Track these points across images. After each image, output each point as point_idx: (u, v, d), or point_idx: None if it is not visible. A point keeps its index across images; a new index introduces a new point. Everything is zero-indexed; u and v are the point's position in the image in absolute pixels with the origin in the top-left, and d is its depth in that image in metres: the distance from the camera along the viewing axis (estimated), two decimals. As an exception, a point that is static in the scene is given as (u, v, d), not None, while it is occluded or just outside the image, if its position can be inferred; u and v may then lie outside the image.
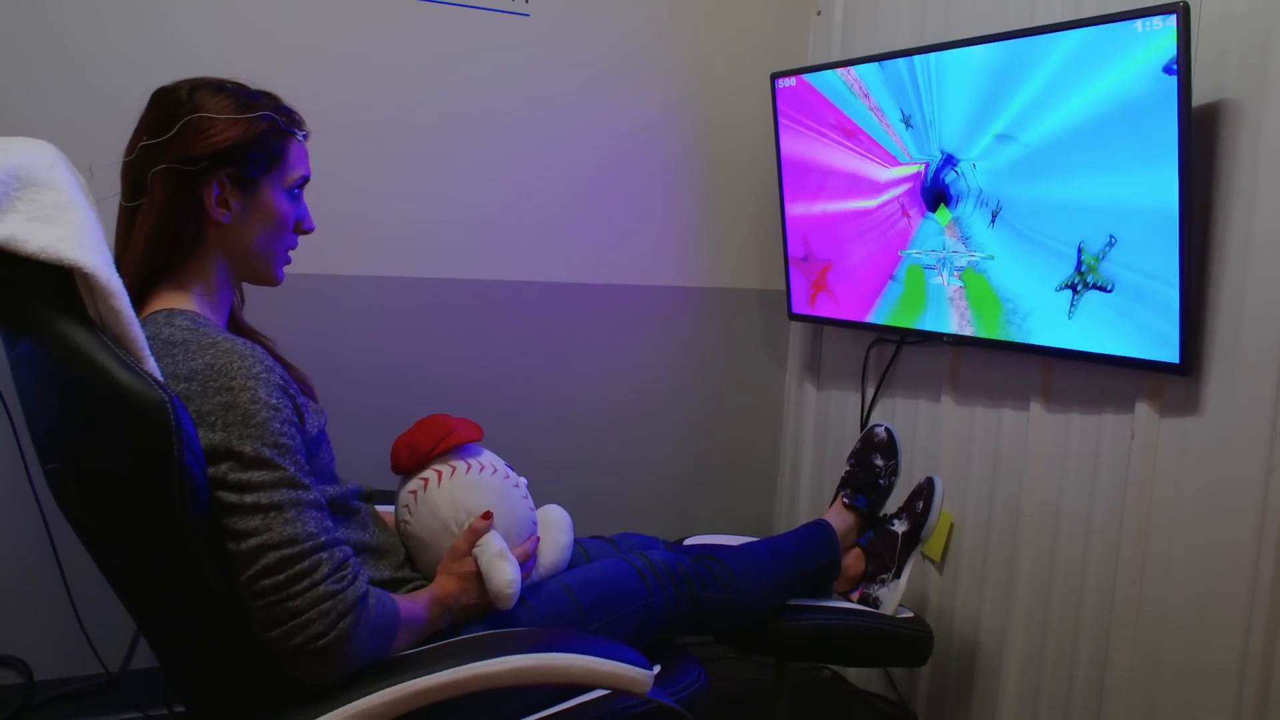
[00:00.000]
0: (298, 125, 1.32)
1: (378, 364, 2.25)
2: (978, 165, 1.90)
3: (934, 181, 2.00)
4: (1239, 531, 1.57)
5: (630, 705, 1.30)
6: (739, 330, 2.65)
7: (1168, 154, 1.57)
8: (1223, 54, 1.59)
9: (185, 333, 1.16)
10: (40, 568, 1.98)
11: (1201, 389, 1.64)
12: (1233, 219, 1.59)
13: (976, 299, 1.96)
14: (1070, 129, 1.72)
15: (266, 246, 1.30)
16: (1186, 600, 1.66)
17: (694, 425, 2.63)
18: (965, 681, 2.11)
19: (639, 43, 2.44)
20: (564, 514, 1.58)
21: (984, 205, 1.90)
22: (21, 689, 2.04)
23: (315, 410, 1.27)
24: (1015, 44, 1.78)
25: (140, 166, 1.21)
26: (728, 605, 1.65)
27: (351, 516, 1.32)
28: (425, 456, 1.44)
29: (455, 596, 1.31)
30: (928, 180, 2.02)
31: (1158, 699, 1.70)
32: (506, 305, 2.37)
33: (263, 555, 1.06)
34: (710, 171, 2.56)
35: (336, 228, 2.11)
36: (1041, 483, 1.94)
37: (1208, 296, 1.63)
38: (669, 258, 2.55)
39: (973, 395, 2.12)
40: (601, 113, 2.42)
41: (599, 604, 1.47)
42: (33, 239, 1.00)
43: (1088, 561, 1.83)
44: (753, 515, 2.73)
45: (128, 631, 2.07)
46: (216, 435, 1.08)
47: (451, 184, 2.28)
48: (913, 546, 1.89)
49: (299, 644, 1.06)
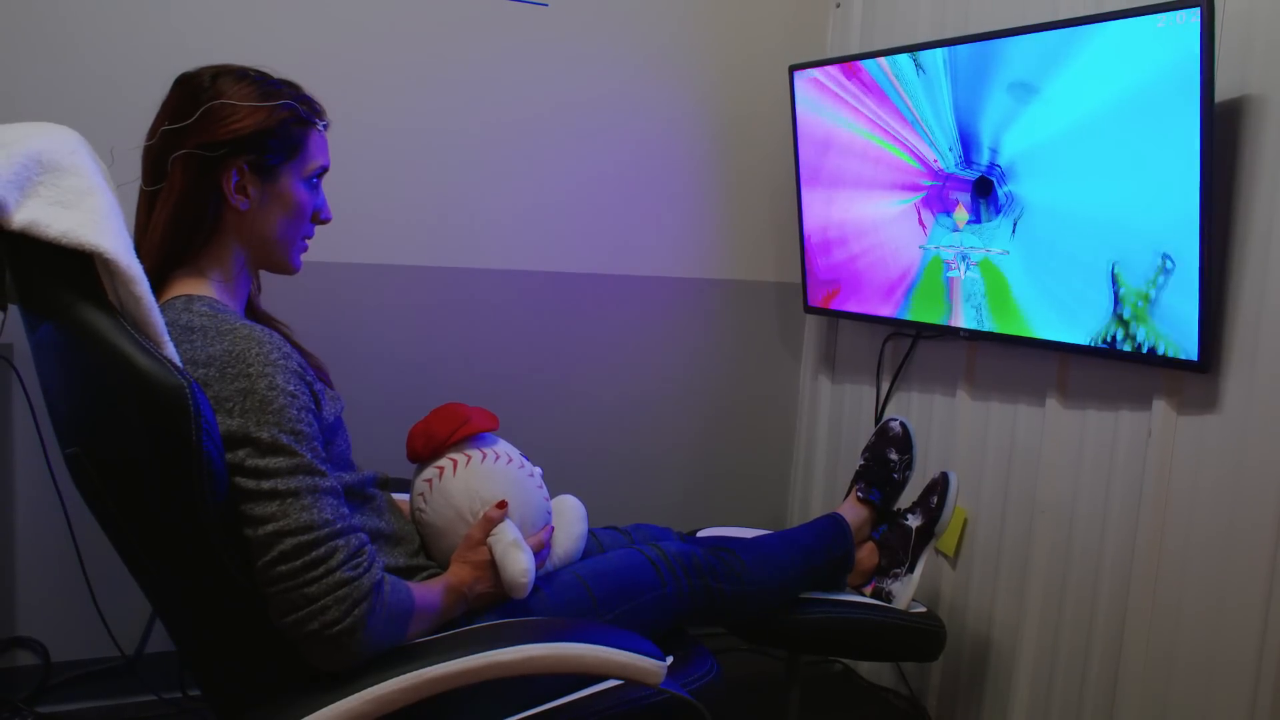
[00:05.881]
0: (318, 115, 1.32)
1: (394, 352, 2.26)
2: (998, 162, 1.89)
3: (954, 177, 1.99)
4: (1256, 529, 1.56)
5: (643, 696, 1.31)
6: (754, 323, 2.64)
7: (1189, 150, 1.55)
8: (1247, 49, 1.58)
9: (204, 319, 1.17)
10: (58, 551, 2.00)
11: (1220, 386, 1.63)
12: (1254, 215, 1.58)
13: (993, 294, 1.95)
14: (1092, 125, 1.71)
15: (284, 235, 1.30)
16: (1202, 596, 1.65)
17: (709, 417, 2.63)
18: (978, 676, 2.11)
19: (656, 35, 2.43)
20: (578, 504, 1.58)
21: (1008, 206, 1.89)
22: (39, 670, 2.05)
23: (332, 397, 1.28)
24: (1037, 38, 1.77)
25: (161, 151, 1.22)
26: (740, 597, 1.64)
27: (367, 503, 1.32)
28: (441, 445, 1.44)
29: (469, 585, 1.32)
30: (948, 175, 2.01)
31: (1172, 694, 1.69)
32: (523, 295, 2.37)
33: (279, 541, 1.06)
34: (727, 163, 2.55)
35: (355, 216, 2.11)
36: (1057, 479, 1.93)
37: (1227, 293, 1.61)
38: (685, 249, 2.54)
39: (988, 390, 2.11)
40: (619, 104, 2.41)
41: (612, 594, 1.47)
42: (54, 224, 1.00)
43: (1102, 557, 1.82)
44: (766, 508, 2.73)
45: (144, 615, 2.09)
46: (234, 421, 1.09)
47: (468, 174, 2.28)
48: (926, 541, 1.89)
49: (314, 630, 1.06)
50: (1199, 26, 1.51)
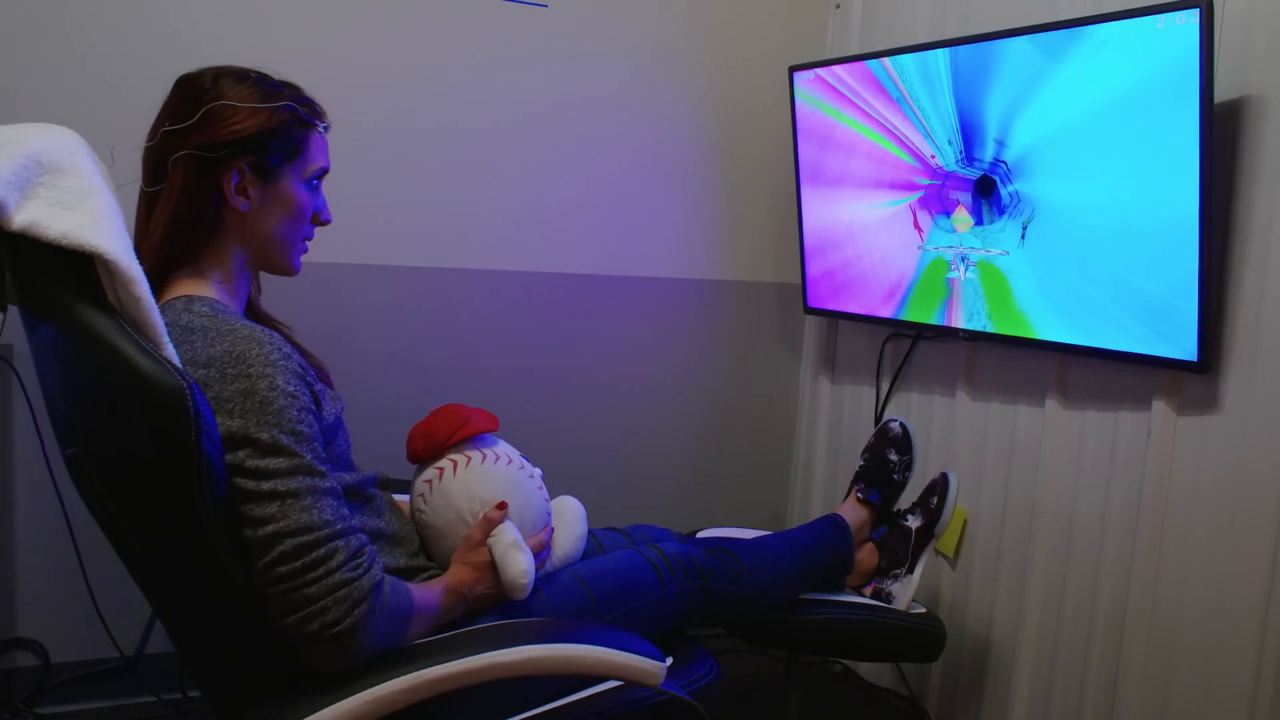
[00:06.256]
0: (319, 116, 1.32)
1: (394, 353, 2.26)
2: (1003, 158, 1.89)
3: (955, 175, 1.99)
4: (1256, 530, 1.56)
5: (643, 697, 1.31)
6: (754, 323, 2.64)
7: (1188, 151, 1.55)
8: (1247, 50, 1.58)
9: (204, 319, 1.17)
10: (58, 552, 2.00)
11: (1220, 387, 1.63)
12: (1254, 216, 1.58)
13: (993, 295, 1.95)
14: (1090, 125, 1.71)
15: (284, 236, 1.30)
16: (1202, 597, 1.65)
17: (708, 418, 2.63)
18: (977, 677, 2.11)
19: (656, 36, 2.43)
20: (578, 505, 1.59)
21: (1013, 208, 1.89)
22: (38, 671, 2.05)
23: (332, 398, 1.28)
24: (1036, 39, 1.77)
25: (162, 152, 1.22)
26: (740, 598, 1.64)
27: (367, 504, 1.32)
28: (441, 446, 1.44)
29: (469, 586, 1.32)
30: (948, 173, 2.01)
31: (1171, 695, 1.69)
32: (522, 296, 2.37)
33: (279, 542, 1.06)
34: (727, 164, 2.55)
35: (355, 217, 2.11)
36: (1056, 479, 1.93)
37: (1227, 294, 1.61)
38: (686, 250, 2.54)
39: (988, 391, 2.11)
40: (618, 105, 2.41)
41: (612, 595, 1.47)
42: (54, 225, 1.00)
43: (1102, 558, 1.83)
44: (766, 509, 2.73)
45: (143, 616, 2.09)
46: (234, 422, 1.09)
47: (468, 175, 2.29)
48: (926, 542, 1.89)
49: (314, 631, 1.06)
50: (1198, 27, 1.51)
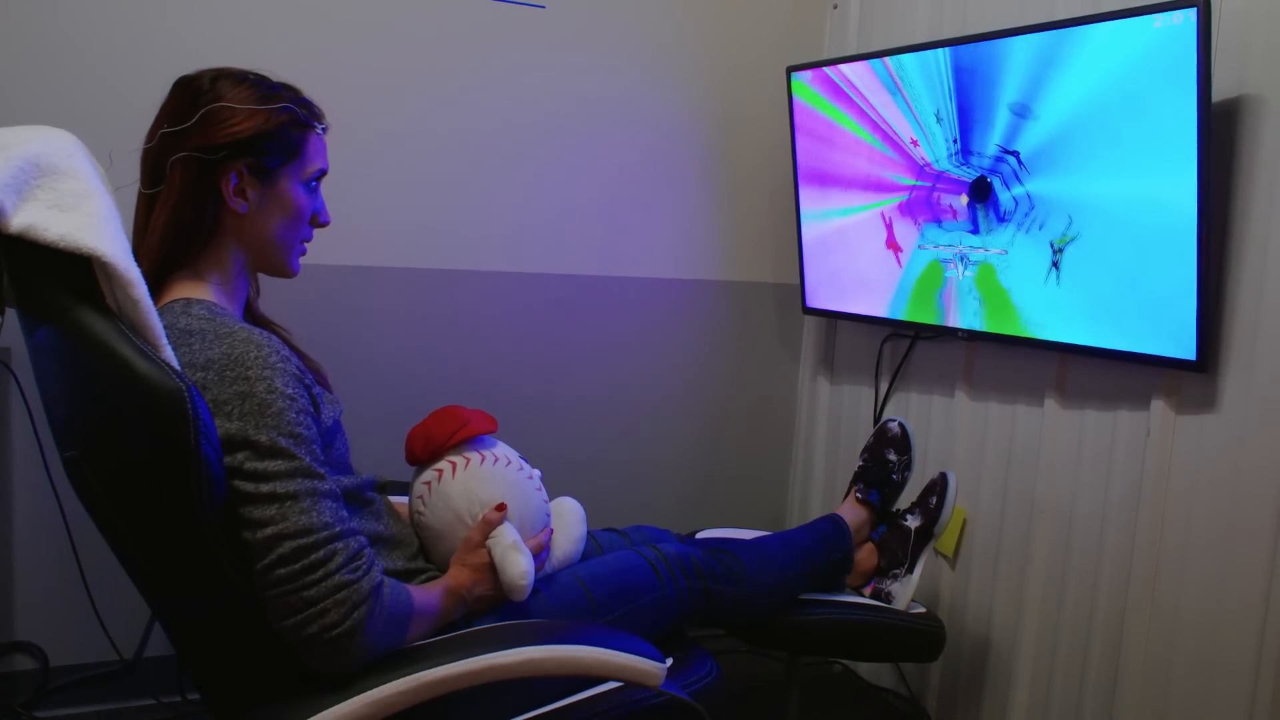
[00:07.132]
0: (317, 118, 1.32)
1: (393, 355, 2.26)
2: (997, 162, 1.89)
3: (953, 177, 2.00)
4: (1255, 529, 1.56)
5: (643, 698, 1.30)
6: (753, 324, 2.64)
7: (1186, 150, 1.55)
8: (1244, 49, 1.58)
9: (202, 322, 1.17)
10: (56, 555, 2.00)
11: (1219, 386, 1.63)
12: (1252, 215, 1.58)
13: (990, 295, 1.95)
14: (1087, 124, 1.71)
15: (283, 238, 1.30)
16: (1201, 596, 1.65)
17: (707, 418, 2.63)
18: (977, 677, 2.11)
19: (654, 36, 2.44)
20: (577, 506, 1.59)
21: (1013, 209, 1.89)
22: (37, 674, 2.05)
23: (330, 400, 1.28)
24: (1033, 38, 1.77)
25: (160, 154, 1.22)
26: (740, 599, 1.64)
27: (366, 507, 1.32)
28: (440, 448, 1.44)
29: (469, 588, 1.32)
30: (946, 175, 2.01)
31: (1171, 695, 1.69)
32: (521, 297, 2.37)
33: (278, 544, 1.06)
34: (725, 165, 2.55)
35: (353, 219, 2.11)
36: (1056, 479, 1.93)
37: (1225, 293, 1.61)
38: (684, 251, 2.54)
39: (987, 391, 2.11)
40: (616, 106, 2.42)
41: (612, 596, 1.47)
42: (52, 227, 1.00)
43: (1101, 558, 1.83)
44: (765, 509, 2.73)
45: (143, 618, 2.09)
46: (233, 424, 1.09)
47: (466, 177, 2.29)
48: (925, 542, 1.89)
49: (313, 633, 1.06)
50: (1195, 26, 1.51)
